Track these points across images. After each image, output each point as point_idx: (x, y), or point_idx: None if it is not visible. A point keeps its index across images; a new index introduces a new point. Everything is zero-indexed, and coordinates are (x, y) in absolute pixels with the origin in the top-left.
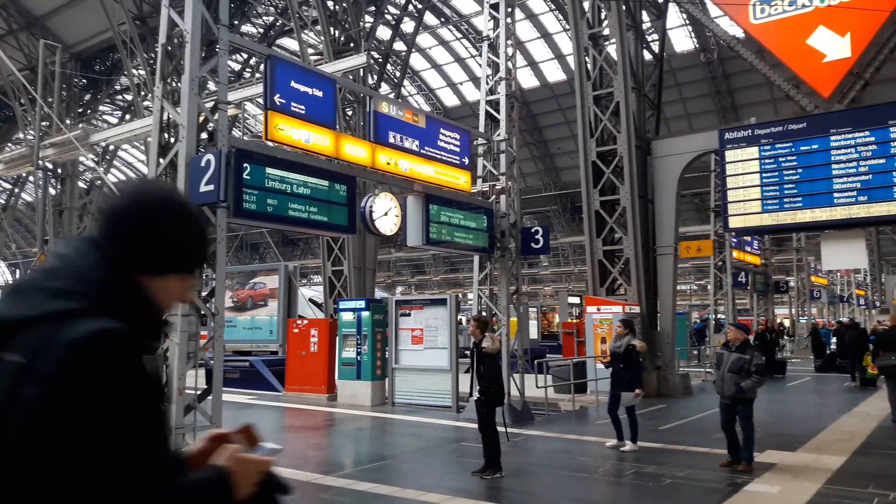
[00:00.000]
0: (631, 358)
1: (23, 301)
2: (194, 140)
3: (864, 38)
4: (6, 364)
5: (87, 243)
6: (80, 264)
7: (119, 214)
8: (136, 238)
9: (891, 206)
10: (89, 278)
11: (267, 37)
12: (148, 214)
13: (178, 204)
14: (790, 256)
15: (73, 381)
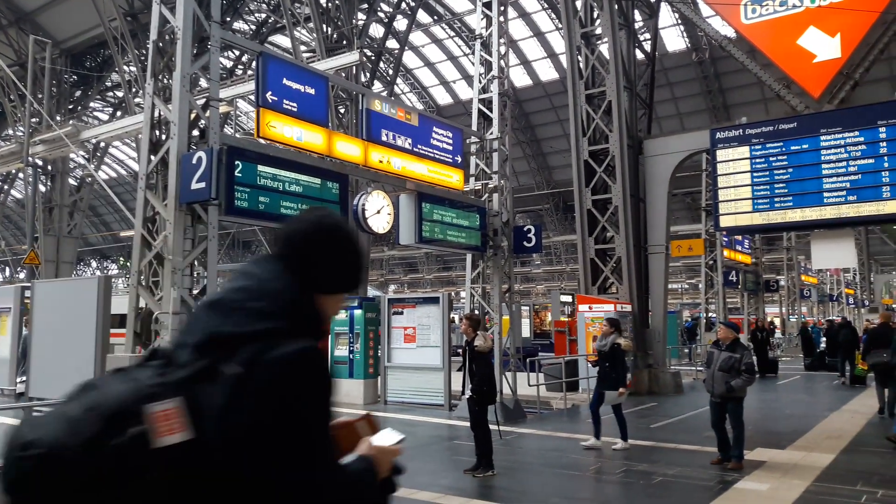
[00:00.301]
0: (616, 356)
1: (227, 318)
2: (186, 137)
3: (854, 38)
4: (225, 373)
5: (276, 266)
6: (276, 288)
7: (301, 241)
8: (317, 262)
9: (879, 206)
10: (285, 300)
11: (259, 34)
12: (326, 242)
13: (346, 232)
14: (780, 255)
15: (283, 391)
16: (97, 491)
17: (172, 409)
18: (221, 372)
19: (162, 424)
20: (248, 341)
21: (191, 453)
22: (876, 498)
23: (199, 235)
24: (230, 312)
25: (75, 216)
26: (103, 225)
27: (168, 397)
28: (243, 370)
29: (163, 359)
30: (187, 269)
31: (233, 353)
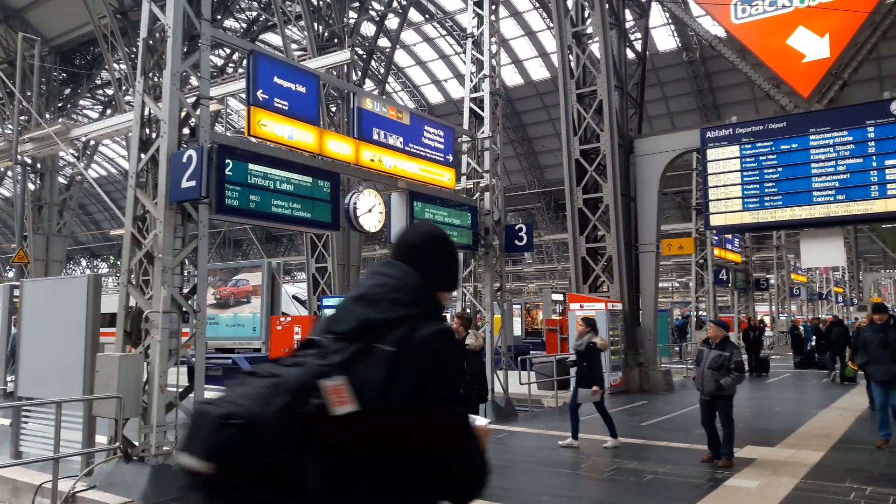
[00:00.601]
0: (592, 355)
1: (374, 308)
2: (176, 135)
3: (842, 38)
4: (382, 351)
5: (405, 267)
6: (411, 283)
7: (421, 248)
8: (433, 265)
9: (868, 205)
10: (422, 294)
11: (250, 32)
12: (439, 249)
13: (451, 243)
14: (770, 254)
15: (435, 360)
16: (288, 453)
17: (341, 385)
18: (378, 351)
19: (334, 397)
20: (395, 325)
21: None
22: (864, 495)
23: (189, 234)
24: (375, 303)
25: (65, 215)
26: (93, 223)
27: (334, 375)
28: (396, 348)
29: (317, 347)
30: (177, 267)
31: (383, 335)
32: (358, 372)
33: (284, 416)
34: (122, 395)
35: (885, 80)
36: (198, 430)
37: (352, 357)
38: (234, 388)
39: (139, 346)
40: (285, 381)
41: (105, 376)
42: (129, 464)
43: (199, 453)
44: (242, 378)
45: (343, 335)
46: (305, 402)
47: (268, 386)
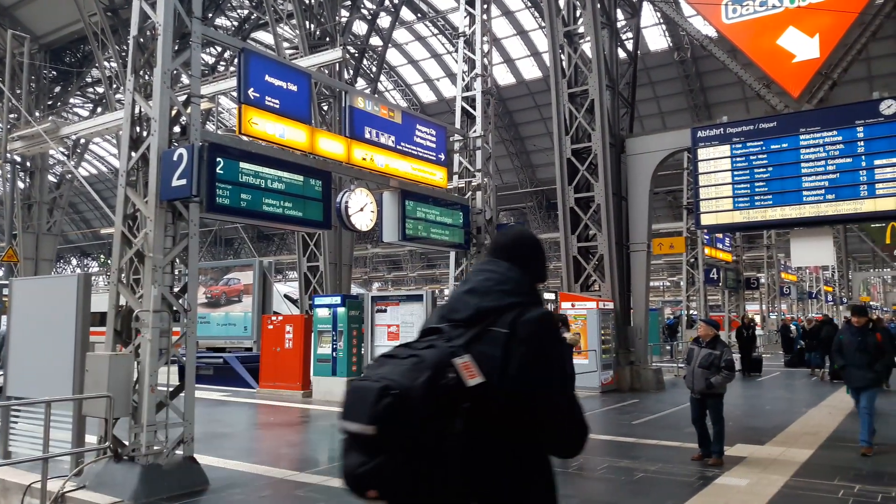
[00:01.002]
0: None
1: (485, 298)
2: (166, 134)
3: (832, 39)
4: (496, 333)
5: (506, 263)
6: (514, 277)
7: (518, 247)
8: (529, 261)
9: (857, 205)
10: (523, 285)
11: (241, 30)
12: (533, 247)
13: (539, 241)
14: (761, 253)
15: (542, 337)
16: (432, 417)
17: (469, 361)
18: (493, 333)
19: (465, 371)
20: (505, 311)
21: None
22: (853, 493)
23: (179, 233)
24: (486, 294)
25: (55, 213)
26: (84, 222)
27: (462, 354)
28: (508, 330)
29: (439, 333)
30: (168, 266)
31: (495, 320)
32: (479, 350)
33: (429, 387)
34: (112, 394)
35: (875, 80)
36: (359, 401)
37: (472, 339)
38: (376, 369)
39: (129, 346)
40: (425, 360)
41: (95, 375)
42: (119, 463)
43: (362, 419)
44: (381, 360)
45: (461, 322)
46: (444, 376)
47: (411, 364)
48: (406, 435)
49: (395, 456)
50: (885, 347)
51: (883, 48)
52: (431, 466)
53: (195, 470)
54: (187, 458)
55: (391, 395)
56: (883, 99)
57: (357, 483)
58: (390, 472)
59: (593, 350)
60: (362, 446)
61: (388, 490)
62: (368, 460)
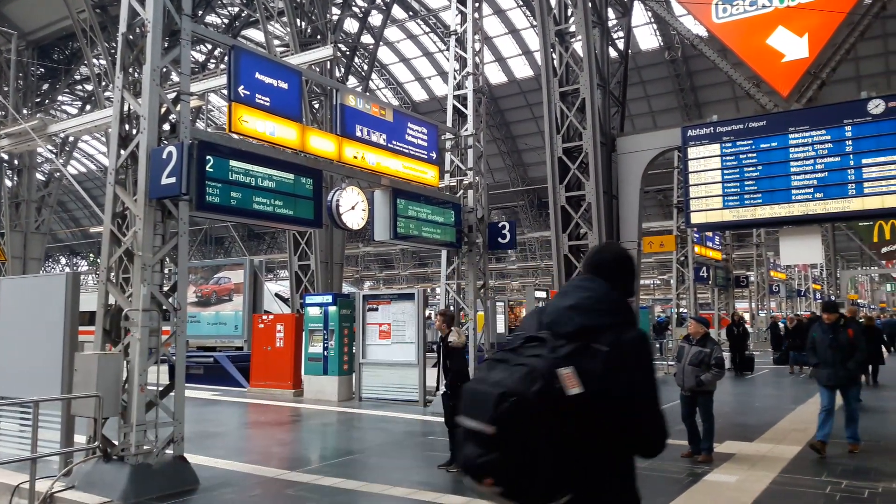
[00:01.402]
0: None
1: (589, 316)
2: (156, 131)
3: (821, 38)
4: (597, 350)
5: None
6: (612, 298)
7: (614, 266)
8: (623, 279)
9: (845, 203)
10: (620, 305)
11: (232, 28)
12: (627, 266)
13: (632, 259)
14: (750, 252)
15: (640, 356)
16: (544, 420)
17: (571, 373)
18: (593, 349)
19: (568, 382)
20: (605, 330)
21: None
22: (840, 488)
23: (169, 231)
24: (588, 312)
25: (43, 212)
26: (72, 221)
27: (565, 365)
28: (609, 348)
29: (540, 341)
30: (158, 265)
31: (597, 337)
32: (580, 364)
33: (540, 395)
34: (101, 394)
35: (863, 79)
36: (479, 403)
37: (573, 352)
38: (489, 373)
39: (119, 345)
40: (536, 369)
41: (84, 375)
42: (109, 463)
43: (483, 419)
44: (490, 364)
45: (564, 335)
46: (552, 385)
47: (524, 373)
48: (520, 434)
49: (510, 451)
50: (857, 343)
51: (871, 48)
52: (538, 461)
53: (185, 469)
54: (177, 458)
55: (510, 401)
56: (871, 98)
57: (475, 471)
58: (505, 465)
59: None
60: (480, 441)
61: (502, 480)
62: (486, 453)
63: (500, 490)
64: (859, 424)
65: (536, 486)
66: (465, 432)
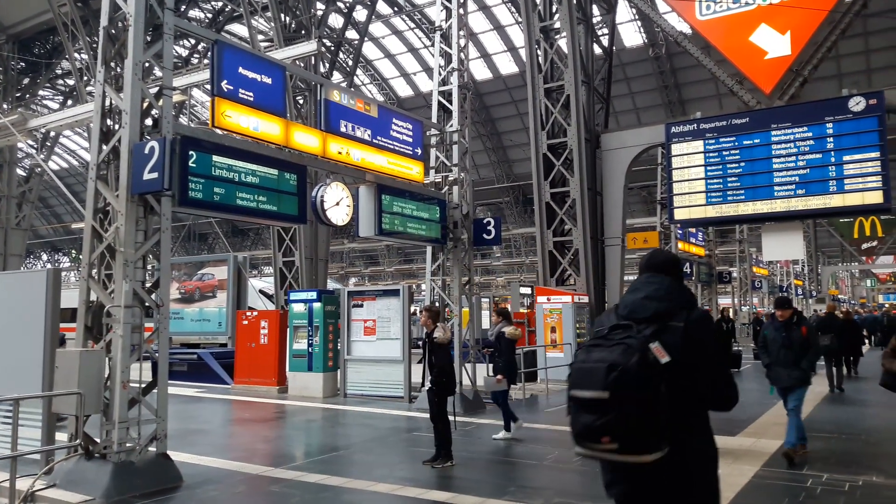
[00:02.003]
0: (501, 344)
1: (660, 302)
2: (138, 126)
3: (803, 36)
4: (674, 327)
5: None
6: (675, 287)
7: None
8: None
9: (826, 200)
10: (683, 292)
11: (215, 22)
12: (679, 265)
13: (679, 259)
14: (733, 248)
15: (709, 328)
16: (644, 386)
17: (659, 346)
18: (671, 327)
19: (658, 353)
20: (677, 312)
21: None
22: (821, 481)
23: (152, 227)
24: (659, 300)
25: (24, 207)
26: (54, 217)
27: (653, 341)
28: (682, 324)
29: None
30: (140, 261)
31: (671, 317)
32: (663, 339)
33: (640, 364)
34: (82, 391)
35: (844, 77)
36: (589, 376)
37: (656, 331)
38: (589, 355)
39: (101, 342)
40: (632, 346)
41: (65, 372)
42: (91, 461)
43: (597, 388)
44: (588, 348)
45: (643, 319)
46: (647, 357)
47: (622, 349)
48: (628, 397)
49: (622, 412)
50: (811, 342)
51: (852, 46)
52: (644, 418)
53: (168, 466)
54: (160, 455)
55: (617, 370)
56: (852, 96)
57: (593, 434)
58: (619, 424)
59: (568, 343)
60: (594, 408)
61: (617, 436)
62: (601, 417)
63: (615, 446)
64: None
65: (644, 439)
66: (578, 404)
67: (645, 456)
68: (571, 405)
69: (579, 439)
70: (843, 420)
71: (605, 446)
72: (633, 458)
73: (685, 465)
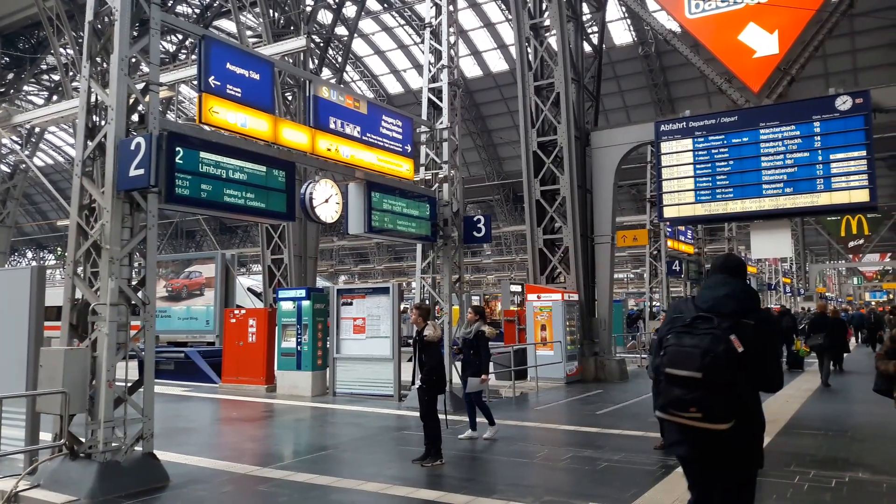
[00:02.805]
0: (480, 343)
1: (737, 302)
2: (124, 122)
3: (791, 35)
4: (747, 323)
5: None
6: (747, 290)
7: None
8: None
9: (814, 198)
10: (753, 295)
11: (203, 18)
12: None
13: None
14: (722, 245)
15: (771, 327)
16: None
17: (735, 338)
18: (744, 323)
19: (736, 344)
20: (749, 310)
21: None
22: (808, 478)
23: (138, 224)
24: (736, 299)
25: (8, 204)
26: (39, 213)
27: (731, 334)
28: (754, 322)
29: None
30: (126, 259)
31: (745, 315)
32: (738, 332)
33: (726, 351)
34: (67, 390)
35: (831, 76)
36: (686, 358)
37: (732, 325)
38: (681, 340)
39: (86, 340)
40: (719, 336)
41: (49, 371)
42: (76, 461)
43: (692, 368)
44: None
45: (724, 315)
46: (729, 346)
47: (712, 338)
48: (717, 378)
49: (710, 389)
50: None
51: (839, 46)
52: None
53: (155, 466)
54: (146, 455)
55: (710, 355)
56: (838, 95)
57: (683, 404)
58: (706, 398)
59: (558, 341)
60: (686, 385)
61: (702, 408)
62: (691, 392)
63: (700, 415)
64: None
65: (723, 411)
66: (671, 380)
67: (721, 424)
68: (664, 379)
69: (666, 407)
70: (831, 416)
71: (691, 415)
72: (711, 426)
73: (751, 433)
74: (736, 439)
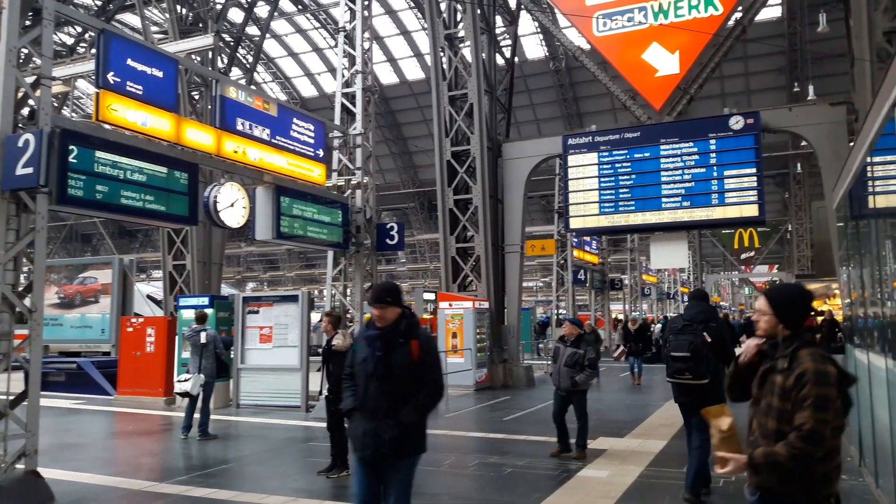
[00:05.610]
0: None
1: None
2: (11, 117)
3: (691, 56)
4: (712, 327)
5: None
6: (710, 307)
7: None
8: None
9: (709, 212)
10: (714, 310)
11: (105, 10)
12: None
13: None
14: (625, 256)
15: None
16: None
17: (706, 334)
18: (712, 326)
19: (706, 337)
20: (712, 319)
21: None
22: None
23: (26, 226)
24: (705, 313)
25: None
26: None
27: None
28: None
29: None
30: (11, 263)
31: (710, 321)
32: (707, 331)
33: (702, 341)
34: None
35: (727, 97)
36: (680, 346)
37: (704, 327)
38: (678, 336)
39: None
40: (698, 333)
41: None
42: None
43: (684, 351)
44: (676, 334)
45: (699, 322)
46: (704, 339)
47: (691, 338)
48: (697, 356)
49: (694, 362)
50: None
51: (734, 68)
52: (704, 363)
53: (38, 485)
54: (29, 472)
55: (694, 344)
56: (732, 114)
57: (681, 371)
58: (692, 366)
59: (468, 349)
60: (682, 360)
61: (692, 372)
62: (685, 364)
63: (690, 377)
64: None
65: (702, 374)
66: (674, 359)
67: (702, 381)
68: (669, 358)
69: (673, 374)
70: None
71: (686, 377)
72: (696, 382)
73: (718, 384)
74: (712, 389)
